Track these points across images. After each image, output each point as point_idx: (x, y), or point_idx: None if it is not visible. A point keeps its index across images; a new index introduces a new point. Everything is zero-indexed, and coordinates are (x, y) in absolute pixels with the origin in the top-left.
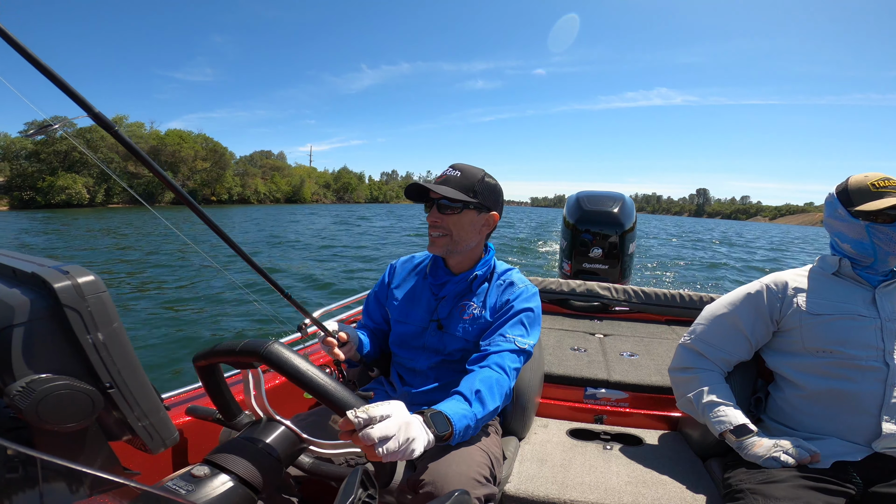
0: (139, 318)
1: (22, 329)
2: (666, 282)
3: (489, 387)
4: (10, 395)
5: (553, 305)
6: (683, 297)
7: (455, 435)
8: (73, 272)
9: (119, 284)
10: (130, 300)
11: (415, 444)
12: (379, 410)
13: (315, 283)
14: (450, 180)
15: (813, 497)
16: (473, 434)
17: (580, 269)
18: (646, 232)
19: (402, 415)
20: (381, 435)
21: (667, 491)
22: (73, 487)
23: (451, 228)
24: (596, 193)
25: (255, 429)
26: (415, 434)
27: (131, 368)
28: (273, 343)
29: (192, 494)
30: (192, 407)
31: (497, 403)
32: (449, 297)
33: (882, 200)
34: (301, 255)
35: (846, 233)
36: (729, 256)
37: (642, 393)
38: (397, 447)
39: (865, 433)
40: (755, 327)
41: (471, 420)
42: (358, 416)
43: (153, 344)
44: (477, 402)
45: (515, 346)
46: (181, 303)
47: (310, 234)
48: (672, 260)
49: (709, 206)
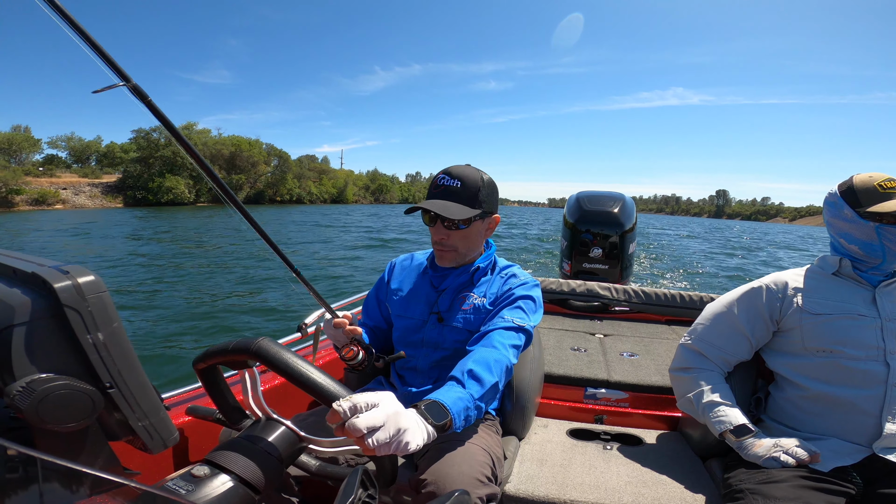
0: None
1: (22, 329)
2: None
3: (484, 364)
4: (10, 395)
5: (553, 305)
6: (683, 297)
7: (455, 420)
8: (74, 272)
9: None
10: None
11: (407, 435)
12: (365, 398)
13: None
14: (451, 192)
15: (813, 497)
16: (478, 416)
17: (580, 269)
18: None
19: (391, 404)
20: (367, 425)
21: (667, 491)
22: (74, 487)
23: (457, 244)
24: (596, 193)
25: (256, 429)
26: (405, 425)
27: (131, 368)
28: (262, 339)
29: (192, 494)
30: (192, 407)
31: (494, 379)
32: (450, 289)
33: (894, 202)
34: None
35: (854, 234)
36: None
37: (642, 393)
38: (388, 438)
39: (866, 433)
40: (755, 327)
41: (468, 401)
42: (342, 405)
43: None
44: (471, 382)
45: (513, 324)
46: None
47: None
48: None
49: (728, 207)
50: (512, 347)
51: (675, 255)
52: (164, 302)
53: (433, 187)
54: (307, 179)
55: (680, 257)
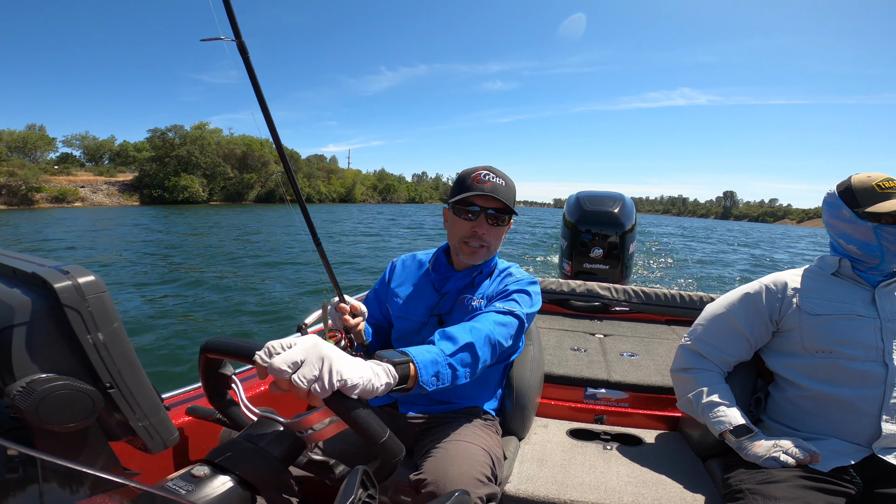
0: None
1: (22, 329)
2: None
3: (461, 329)
4: (10, 396)
5: (553, 305)
6: (683, 297)
7: (420, 369)
8: (74, 272)
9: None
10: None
11: (336, 363)
12: (280, 341)
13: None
14: (498, 190)
15: (813, 497)
16: (453, 379)
17: (580, 270)
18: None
19: (308, 339)
20: (287, 361)
21: (667, 491)
22: (74, 488)
23: (491, 241)
24: (596, 193)
25: (255, 428)
26: (328, 353)
27: (131, 368)
28: (210, 338)
29: (192, 494)
30: (192, 407)
31: (469, 339)
32: (452, 292)
33: (892, 202)
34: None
35: (852, 234)
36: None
37: (642, 393)
38: (315, 371)
39: (865, 433)
40: (754, 327)
41: (437, 355)
42: (258, 353)
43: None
44: (443, 341)
45: (503, 309)
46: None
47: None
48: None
49: (736, 208)
50: (498, 325)
51: (675, 255)
52: (203, 295)
53: (477, 181)
54: (317, 179)
55: (682, 258)
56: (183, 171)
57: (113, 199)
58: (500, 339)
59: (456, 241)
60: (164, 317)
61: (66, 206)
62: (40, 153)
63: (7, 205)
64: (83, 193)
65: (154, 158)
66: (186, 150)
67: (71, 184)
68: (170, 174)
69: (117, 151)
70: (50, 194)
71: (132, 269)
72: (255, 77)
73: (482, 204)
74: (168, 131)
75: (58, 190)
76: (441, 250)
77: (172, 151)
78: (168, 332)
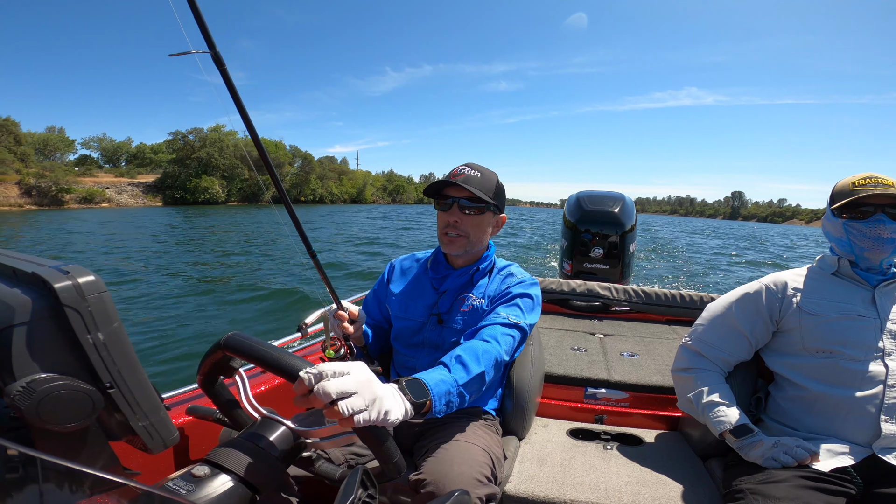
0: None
1: (22, 329)
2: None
3: (473, 354)
4: (10, 395)
5: (553, 305)
6: (684, 297)
7: (435, 403)
8: (74, 272)
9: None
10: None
11: (386, 404)
12: (332, 366)
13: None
14: (470, 180)
15: (813, 497)
16: (460, 405)
17: (581, 269)
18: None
19: (362, 372)
20: (338, 389)
21: (667, 491)
22: (74, 487)
23: (469, 230)
24: (596, 193)
25: (255, 428)
26: (382, 393)
27: (131, 368)
28: (231, 333)
29: (193, 494)
30: (193, 407)
31: (481, 369)
32: (450, 291)
33: (856, 197)
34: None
35: (831, 231)
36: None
37: (642, 393)
38: (364, 405)
39: (865, 433)
40: (755, 327)
41: (450, 385)
42: (308, 373)
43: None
44: (458, 367)
45: (508, 321)
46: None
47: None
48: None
49: (744, 209)
50: (505, 343)
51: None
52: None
53: (452, 175)
54: (328, 180)
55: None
56: (203, 173)
57: (137, 200)
58: (506, 356)
59: (439, 233)
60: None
61: (94, 207)
62: (60, 154)
63: (38, 205)
64: (109, 194)
65: (175, 161)
66: (206, 153)
67: (96, 185)
68: (191, 176)
69: (134, 153)
70: (78, 195)
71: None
72: (234, 89)
73: (455, 194)
74: (189, 133)
75: (86, 191)
76: (439, 250)
77: (193, 153)
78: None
